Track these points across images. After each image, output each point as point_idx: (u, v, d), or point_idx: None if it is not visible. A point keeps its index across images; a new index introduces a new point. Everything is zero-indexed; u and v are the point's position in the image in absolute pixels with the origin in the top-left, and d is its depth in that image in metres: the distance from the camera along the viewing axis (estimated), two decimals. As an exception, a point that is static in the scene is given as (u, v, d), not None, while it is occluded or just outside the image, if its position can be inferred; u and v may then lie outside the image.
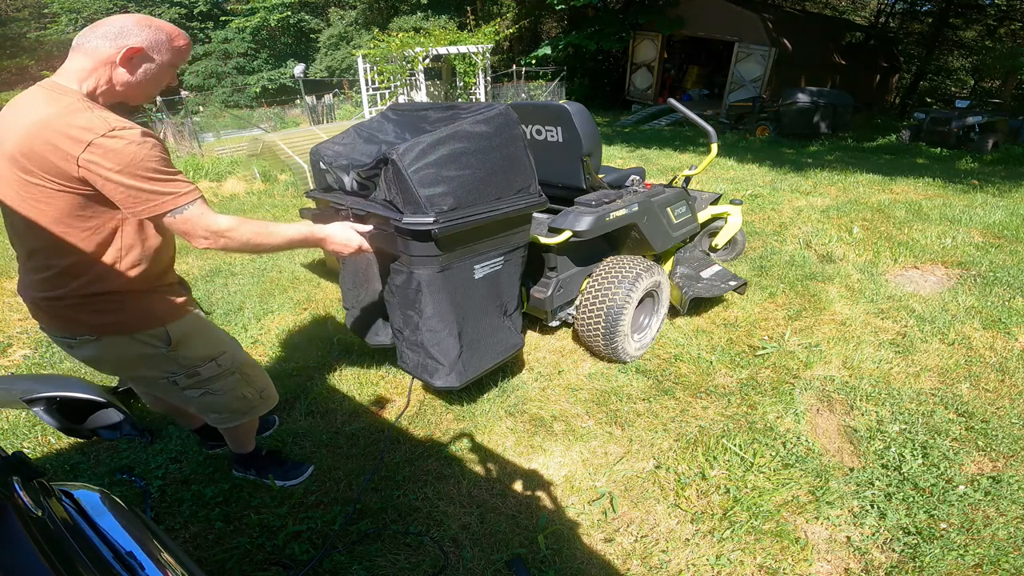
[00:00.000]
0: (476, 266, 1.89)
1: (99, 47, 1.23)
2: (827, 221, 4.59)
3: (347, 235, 1.60)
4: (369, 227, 1.70)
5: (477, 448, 2.10)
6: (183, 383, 1.50)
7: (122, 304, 1.33)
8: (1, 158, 1.19)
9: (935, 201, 5.19)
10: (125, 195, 1.18)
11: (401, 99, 10.86)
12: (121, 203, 1.20)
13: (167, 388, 1.53)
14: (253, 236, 1.33)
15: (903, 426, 2.15)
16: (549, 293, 2.41)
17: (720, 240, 3.49)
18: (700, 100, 15.08)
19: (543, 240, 2.25)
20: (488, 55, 11.17)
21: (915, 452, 2.00)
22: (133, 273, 1.31)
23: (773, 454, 2.02)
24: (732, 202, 3.53)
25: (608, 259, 2.57)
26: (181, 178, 1.24)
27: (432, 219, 1.63)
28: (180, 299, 1.45)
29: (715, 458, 1.99)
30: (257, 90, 20.14)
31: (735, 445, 2.05)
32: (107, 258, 1.27)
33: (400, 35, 10.54)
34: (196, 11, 20.91)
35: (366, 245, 1.65)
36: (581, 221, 2.26)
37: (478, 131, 1.78)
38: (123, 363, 1.45)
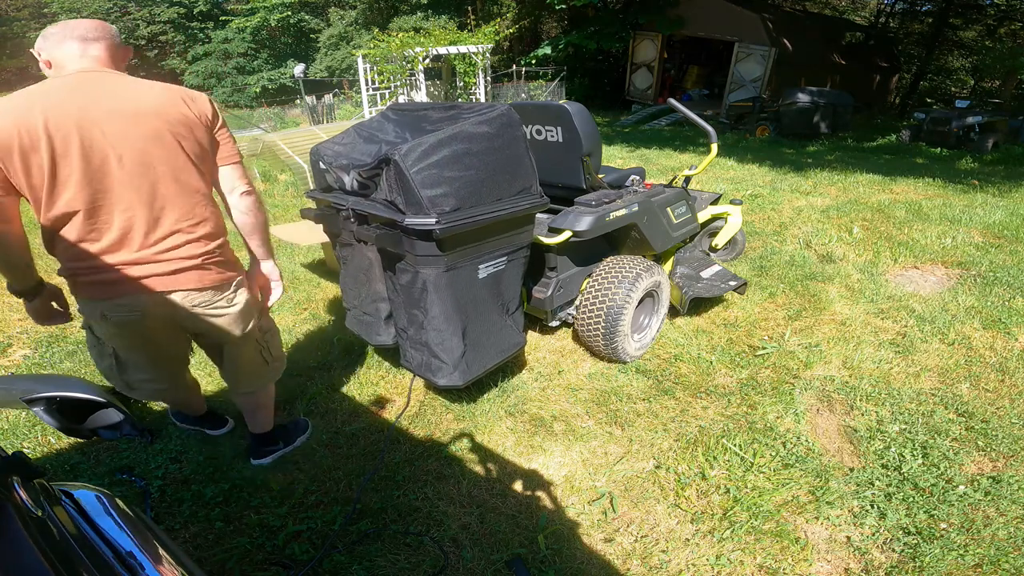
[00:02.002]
0: (480, 266, 1.89)
1: (100, 40, 1.38)
2: (827, 221, 4.59)
3: (267, 276, 1.80)
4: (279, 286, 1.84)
5: (477, 448, 2.11)
6: (263, 324, 1.80)
7: (227, 249, 1.61)
8: (132, 129, 1.31)
9: (935, 201, 5.19)
10: (228, 143, 1.51)
11: (401, 99, 10.86)
12: (224, 150, 1.51)
13: (251, 336, 1.74)
14: (261, 200, 1.65)
15: (903, 426, 2.15)
16: (549, 293, 2.41)
17: (720, 240, 3.49)
18: (700, 100, 15.07)
19: (543, 240, 2.25)
20: (488, 55, 11.18)
21: (915, 452, 2.00)
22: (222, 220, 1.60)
23: (773, 454, 2.02)
24: (732, 202, 3.53)
25: (608, 259, 2.57)
26: None
27: (434, 220, 1.63)
28: None
29: (715, 458, 2.00)
30: (257, 90, 20.14)
31: (735, 445, 2.05)
32: (215, 207, 1.54)
33: (400, 35, 10.55)
34: (196, 11, 20.92)
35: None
36: (581, 221, 2.26)
37: (480, 132, 1.77)
38: (249, 311, 1.68)
